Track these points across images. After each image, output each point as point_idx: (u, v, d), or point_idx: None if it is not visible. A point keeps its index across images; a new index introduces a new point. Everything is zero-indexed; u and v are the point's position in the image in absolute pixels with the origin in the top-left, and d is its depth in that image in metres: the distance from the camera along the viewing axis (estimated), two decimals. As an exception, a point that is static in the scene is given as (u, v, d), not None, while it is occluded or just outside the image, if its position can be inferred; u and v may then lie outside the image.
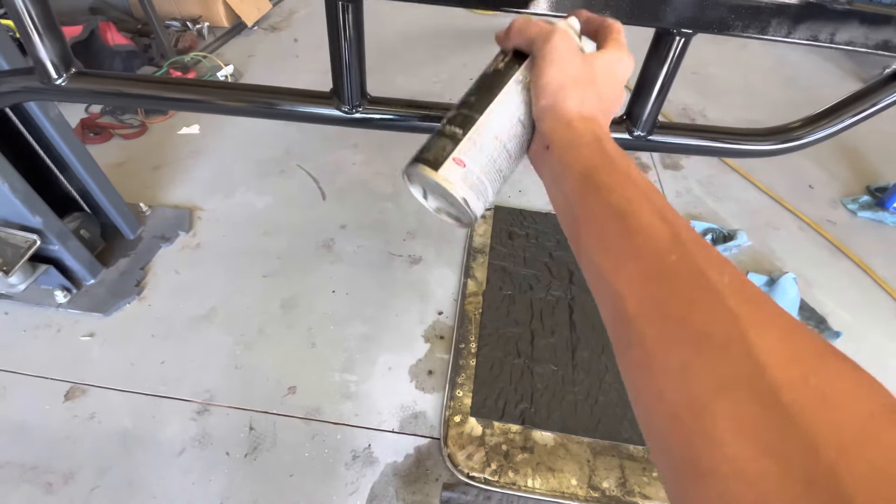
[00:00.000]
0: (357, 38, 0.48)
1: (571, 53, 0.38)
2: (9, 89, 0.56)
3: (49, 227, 1.26)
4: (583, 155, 0.35)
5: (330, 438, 1.15)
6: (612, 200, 0.32)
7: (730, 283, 0.24)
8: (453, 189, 0.37)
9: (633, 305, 0.26)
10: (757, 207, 1.86)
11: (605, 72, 0.39)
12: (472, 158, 0.38)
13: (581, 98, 0.38)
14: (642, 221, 0.29)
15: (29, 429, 1.15)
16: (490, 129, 0.39)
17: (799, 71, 2.78)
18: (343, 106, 0.49)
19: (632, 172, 0.33)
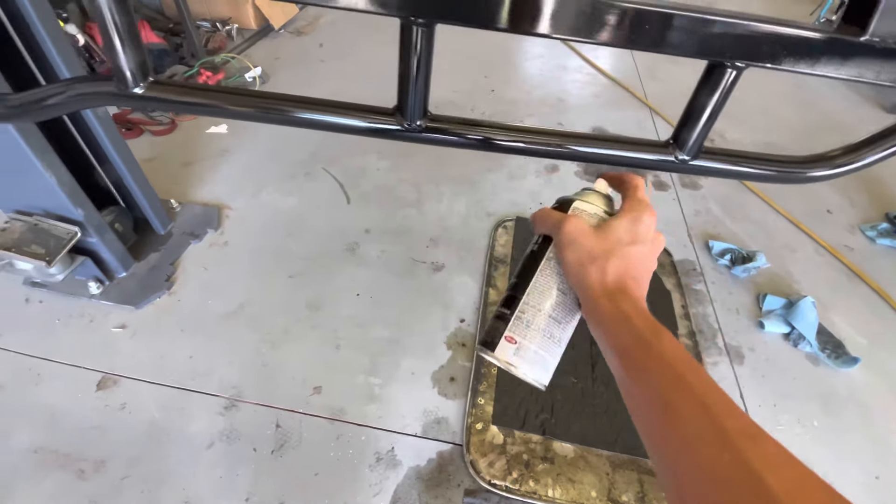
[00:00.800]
0: (426, 60, 0.48)
1: (583, 234, 0.41)
2: (87, 93, 0.59)
3: (89, 219, 1.29)
4: (614, 333, 0.36)
5: (354, 439, 1.17)
6: (650, 388, 0.32)
7: (789, 490, 0.23)
8: (508, 367, 0.42)
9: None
10: (774, 229, 1.87)
11: (623, 236, 0.40)
12: (522, 334, 0.42)
13: (602, 271, 0.39)
14: (682, 412, 0.29)
15: (62, 416, 1.18)
16: (534, 304, 0.43)
17: (816, 96, 2.81)
18: (405, 122, 0.52)
19: (666, 351, 0.33)
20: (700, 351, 1.42)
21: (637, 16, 0.46)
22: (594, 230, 0.41)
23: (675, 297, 1.57)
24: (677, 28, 0.46)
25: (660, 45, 0.49)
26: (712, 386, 0.30)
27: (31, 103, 0.59)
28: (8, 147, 1.11)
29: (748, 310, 1.57)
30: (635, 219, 0.41)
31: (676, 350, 0.33)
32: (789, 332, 1.50)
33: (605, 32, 0.58)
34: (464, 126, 0.61)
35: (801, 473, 0.25)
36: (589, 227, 0.42)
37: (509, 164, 2.07)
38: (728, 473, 0.25)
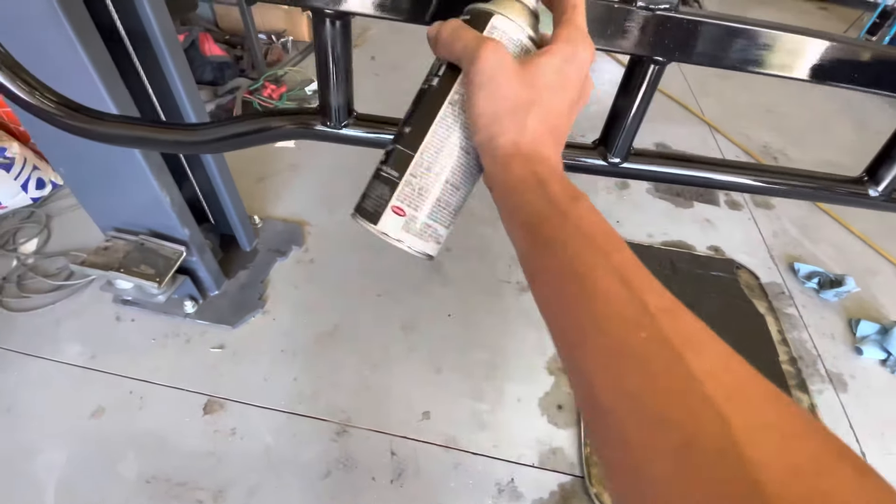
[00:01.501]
0: (344, 55, 0.46)
1: (505, 72, 0.31)
2: (295, 127, 0.58)
3: (193, 239, 1.27)
4: (526, 202, 0.30)
5: (472, 469, 1.15)
6: (565, 258, 0.27)
7: (711, 368, 0.21)
8: (395, 242, 0.36)
9: (607, 396, 0.23)
10: (852, 252, 1.86)
11: (552, 81, 0.32)
12: (413, 204, 0.35)
13: (519, 127, 0.32)
14: (600, 285, 0.25)
15: (171, 442, 1.15)
16: (428, 167, 0.34)
17: (867, 115, 2.81)
18: (329, 122, 0.48)
19: (584, 221, 0.28)
20: (804, 378, 1.40)
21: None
22: (519, 67, 0.31)
23: (769, 322, 1.54)
24: (592, 19, 0.42)
25: None
26: (632, 260, 0.26)
27: (232, 136, 0.57)
28: (127, 166, 1.09)
29: (842, 335, 1.55)
30: (569, 56, 0.32)
31: (596, 219, 0.28)
32: (886, 359, 1.47)
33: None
34: (391, 126, 0.55)
35: (723, 352, 0.22)
36: (515, 63, 0.31)
37: (577, 180, 2.05)
38: (645, 352, 0.22)
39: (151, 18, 1.00)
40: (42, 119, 0.49)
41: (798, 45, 0.49)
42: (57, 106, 0.49)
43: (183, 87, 1.13)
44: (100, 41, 0.90)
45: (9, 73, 0.46)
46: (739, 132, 2.49)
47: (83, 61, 0.87)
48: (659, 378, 0.21)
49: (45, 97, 0.48)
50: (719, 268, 1.72)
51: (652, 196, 2.04)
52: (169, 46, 1.06)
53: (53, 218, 1.67)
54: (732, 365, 0.22)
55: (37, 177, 1.68)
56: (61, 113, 0.49)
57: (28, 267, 1.50)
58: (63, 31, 0.83)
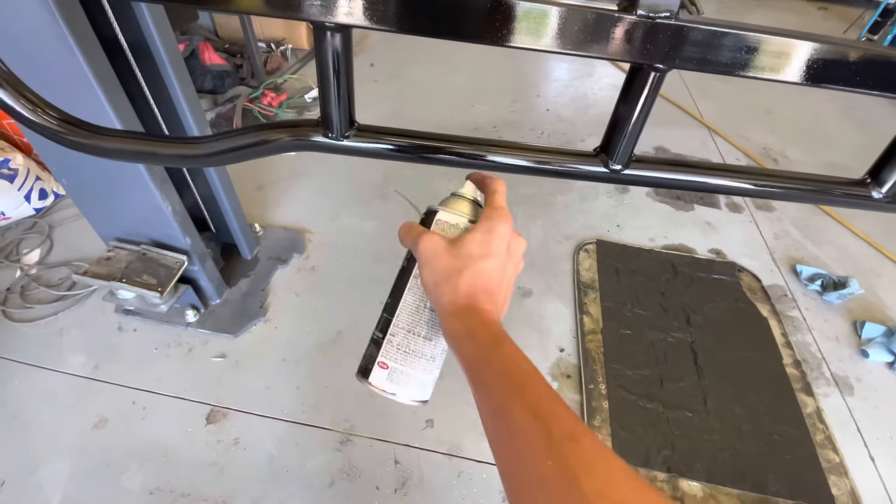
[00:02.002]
0: (345, 67, 0.46)
1: (437, 253, 0.40)
2: (296, 139, 0.58)
3: (195, 248, 1.28)
4: (463, 350, 0.37)
5: (476, 477, 1.14)
6: (491, 400, 0.33)
7: (600, 488, 0.25)
8: (382, 393, 0.42)
9: None
10: (857, 254, 1.85)
11: (476, 250, 0.40)
12: (394, 358, 0.42)
13: (453, 290, 0.39)
14: (516, 421, 0.30)
15: (174, 453, 1.14)
16: (404, 325, 0.43)
17: (870, 115, 2.80)
18: (330, 133, 0.48)
19: (503, 364, 0.34)
20: (809, 382, 1.39)
21: (554, 16, 0.42)
22: (449, 247, 0.41)
23: (772, 325, 1.53)
24: (592, 28, 0.43)
25: (578, 47, 0.45)
26: (545, 393, 0.31)
27: (232, 149, 0.57)
28: (129, 176, 1.09)
29: (847, 338, 1.54)
30: (488, 230, 0.41)
31: (514, 360, 0.34)
32: (893, 361, 1.46)
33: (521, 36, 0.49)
34: (396, 137, 0.55)
35: (614, 470, 0.26)
36: (444, 244, 0.41)
37: (578, 185, 2.06)
38: (550, 478, 0.27)
39: (153, 29, 1.01)
40: (45, 136, 0.49)
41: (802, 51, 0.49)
42: (59, 123, 0.49)
43: (184, 98, 1.13)
44: (101, 53, 0.90)
45: (11, 90, 0.45)
46: (739, 134, 2.49)
47: (85, 73, 0.87)
48: (558, 499, 0.26)
49: (48, 114, 0.48)
50: (721, 271, 1.71)
51: (652, 199, 2.04)
52: (170, 57, 1.07)
53: (56, 228, 1.68)
54: (620, 483, 0.26)
55: (39, 187, 1.69)
56: (63, 130, 0.49)
57: (31, 277, 1.50)
58: (66, 42, 0.83)
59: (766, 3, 4.36)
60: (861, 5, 3.78)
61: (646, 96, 0.54)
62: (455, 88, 2.69)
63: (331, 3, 0.42)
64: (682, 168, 0.62)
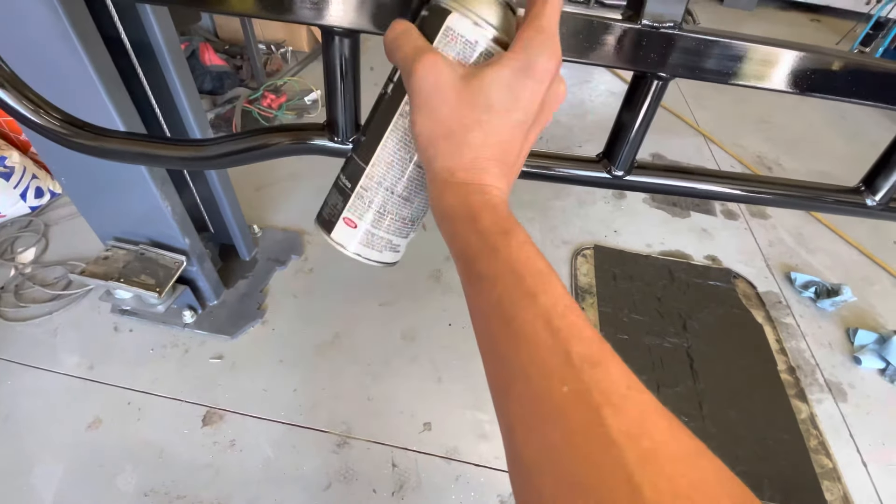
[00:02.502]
0: (352, 72, 0.46)
1: (441, 92, 0.29)
2: (301, 142, 0.58)
3: (193, 248, 1.27)
4: (457, 233, 0.29)
5: (474, 481, 1.14)
6: (494, 297, 0.26)
7: (629, 429, 0.20)
8: (348, 253, 0.36)
9: (528, 451, 0.22)
10: (849, 261, 1.87)
11: (499, 99, 0.29)
12: (364, 216, 0.35)
13: (455, 153, 0.29)
14: (526, 330, 0.24)
15: (170, 453, 1.14)
16: (379, 179, 0.34)
17: (861, 126, 2.85)
18: (336, 137, 0.49)
19: (514, 258, 0.26)
20: (803, 388, 1.40)
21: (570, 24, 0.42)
22: (461, 84, 0.29)
23: (767, 331, 1.55)
24: (596, 36, 0.43)
25: (582, 54, 0.45)
26: (564, 302, 0.24)
27: (236, 152, 0.57)
28: (130, 176, 1.09)
29: (840, 344, 1.56)
30: (523, 68, 0.28)
31: (528, 256, 0.26)
32: (885, 368, 1.48)
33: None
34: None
35: (645, 408, 0.21)
36: (455, 77, 0.29)
37: (576, 190, 2.08)
38: (565, 408, 0.21)
39: (156, 29, 1.01)
40: (47, 138, 0.49)
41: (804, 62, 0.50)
42: (62, 124, 0.49)
43: (186, 99, 1.13)
44: (105, 53, 0.90)
45: (14, 91, 0.45)
46: (734, 143, 2.52)
47: (89, 72, 0.87)
48: (577, 438, 0.21)
49: (51, 115, 0.47)
50: (716, 277, 1.73)
51: (649, 206, 2.06)
52: (173, 57, 1.07)
53: (51, 227, 1.67)
54: (651, 424, 0.21)
55: (35, 186, 1.68)
56: (66, 132, 0.49)
57: (26, 276, 1.49)
58: (69, 41, 0.83)
59: (760, 14, 4.42)
60: (853, 18, 3.85)
61: (648, 104, 0.55)
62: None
63: (340, 8, 0.42)
64: (683, 175, 0.63)
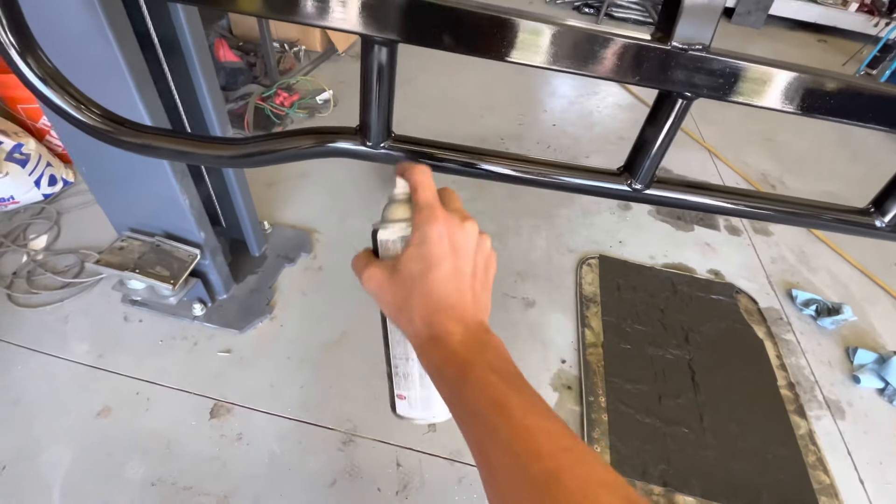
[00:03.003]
0: (389, 79, 0.48)
1: (380, 287, 0.37)
2: (334, 145, 0.60)
3: (208, 242, 1.29)
4: (438, 385, 0.36)
5: (476, 483, 1.15)
6: (472, 438, 0.32)
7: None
8: (409, 421, 0.45)
9: None
10: (850, 281, 1.90)
11: (417, 269, 0.35)
12: (407, 388, 0.43)
13: (410, 322, 0.36)
14: (495, 463, 0.30)
15: (177, 445, 1.15)
16: (399, 356, 0.43)
17: (865, 146, 2.88)
18: (368, 142, 0.51)
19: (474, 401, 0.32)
20: (802, 404, 1.42)
21: (593, 43, 0.44)
22: (390, 275, 0.37)
23: (768, 347, 1.57)
24: (627, 56, 0.45)
25: (614, 73, 0.47)
26: (520, 424, 0.29)
27: (271, 151, 0.58)
28: (150, 168, 1.11)
29: (840, 363, 1.58)
30: (420, 239, 0.36)
31: (484, 393, 0.31)
32: (884, 388, 1.50)
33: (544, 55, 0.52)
34: (428, 148, 0.58)
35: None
36: (385, 273, 0.37)
37: (581, 200, 2.10)
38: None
39: (185, 26, 1.03)
40: (89, 134, 0.50)
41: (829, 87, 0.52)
42: (104, 121, 0.50)
43: (209, 95, 1.15)
44: (137, 47, 0.92)
45: (57, 88, 0.46)
46: (739, 160, 2.55)
47: (121, 66, 0.89)
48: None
49: (93, 112, 0.48)
50: (719, 291, 1.75)
51: (653, 218, 2.08)
52: (199, 55, 1.09)
53: (63, 215, 1.68)
54: None
55: (49, 173, 1.69)
56: (108, 128, 0.50)
57: (38, 263, 1.50)
58: (104, 35, 0.85)
59: (768, 32, 4.47)
60: (860, 40, 3.90)
61: (672, 122, 0.57)
62: (463, 99, 2.73)
63: (381, 18, 0.44)
64: (701, 191, 0.65)
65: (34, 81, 0.44)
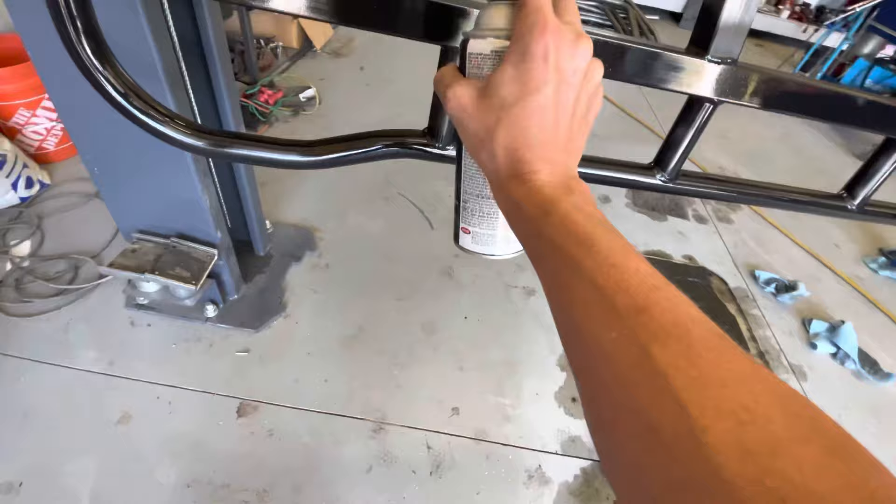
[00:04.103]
0: None
1: (465, 109, 0.33)
2: (403, 147, 0.64)
3: (223, 242, 1.28)
4: (514, 226, 0.34)
5: (503, 458, 1.23)
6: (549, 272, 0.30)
7: (674, 361, 0.22)
8: (470, 254, 0.44)
9: (588, 387, 0.26)
10: (800, 261, 2.14)
11: (510, 94, 0.31)
12: (472, 222, 0.42)
13: (490, 157, 0.33)
14: (576, 295, 0.27)
15: (208, 446, 1.14)
16: (470, 190, 0.41)
17: (803, 142, 3.22)
18: (437, 144, 0.55)
19: (556, 234, 0.29)
20: (772, 369, 1.61)
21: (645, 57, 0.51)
22: (479, 97, 0.32)
23: (740, 322, 1.76)
24: (671, 67, 0.52)
25: (656, 81, 0.53)
26: (606, 259, 0.27)
27: (342, 154, 0.62)
28: (172, 168, 1.09)
29: (798, 332, 1.79)
30: (520, 54, 0.30)
31: (567, 227, 0.29)
32: (836, 352, 1.72)
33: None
34: None
35: (689, 343, 0.23)
36: (473, 94, 0.32)
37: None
38: (613, 351, 0.24)
39: (209, 27, 1.03)
40: (173, 145, 0.50)
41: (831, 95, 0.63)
42: (192, 133, 0.50)
43: (227, 94, 1.15)
44: (171, 47, 0.92)
45: (140, 102, 0.46)
46: (699, 155, 2.78)
47: (156, 66, 0.89)
48: (625, 372, 0.23)
49: (177, 124, 0.48)
50: (694, 275, 1.93)
51: (631, 210, 2.24)
52: (220, 54, 1.09)
53: (44, 219, 1.59)
54: (697, 355, 0.22)
55: (26, 175, 1.60)
56: (196, 140, 0.49)
57: (25, 270, 1.42)
58: (142, 35, 0.84)
59: (712, 37, 4.84)
60: (792, 45, 4.31)
61: (699, 124, 0.67)
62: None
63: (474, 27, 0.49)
64: (715, 182, 0.76)
65: (116, 97, 0.45)
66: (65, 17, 0.42)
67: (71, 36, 0.44)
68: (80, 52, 0.44)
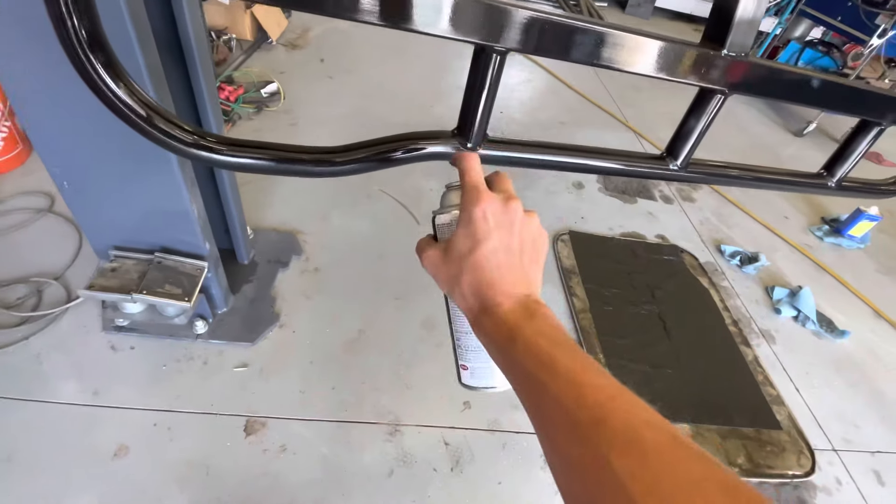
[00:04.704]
0: (494, 85, 0.51)
1: (435, 265, 0.41)
2: (435, 148, 0.63)
3: (212, 254, 1.21)
4: (491, 356, 0.39)
5: (518, 446, 1.26)
6: (524, 395, 0.35)
7: (631, 469, 0.26)
8: (472, 390, 0.49)
9: (563, 490, 0.29)
10: (758, 234, 2.31)
11: (465, 247, 0.39)
12: (468, 359, 0.47)
13: (462, 298, 0.39)
14: (546, 414, 0.32)
15: (218, 468, 1.09)
16: (460, 329, 0.46)
17: (745, 122, 3.45)
18: (468, 143, 0.54)
19: (522, 362, 0.34)
20: (745, 336, 1.74)
21: (660, 49, 0.53)
22: (443, 255, 0.41)
23: (713, 294, 1.88)
24: (688, 60, 0.54)
25: (671, 73, 0.55)
26: (567, 379, 0.31)
27: (368, 158, 0.60)
28: (156, 181, 1.01)
29: (763, 300, 1.94)
30: (466, 219, 0.39)
31: (531, 352, 0.34)
32: (797, 315, 1.88)
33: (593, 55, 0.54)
34: (521, 147, 0.70)
35: (645, 449, 0.26)
36: (439, 253, 0.41)
37: (543, 182, 2.27)
38: (580, 465, 0.28)
39: (188, 25, 0.95)
40: (202, 162, 0.46)
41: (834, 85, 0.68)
42: (221, 146, 0.46)
43: (207, 94, 1.07)
44: (154, 47, 0.84)
45: (166, 122, 0.43)
46: (657, 137, 2.91)
47: (140, 67, 0.81)
48: (592, 487, 0.27)
49: (207, 140, 0.45)
50: (668, 252, 2.03)
51: (603, 194, 2.32)
52: (200, 53, 1.01)
53: (-9, 241, 1.43)
54: (652, 460, 0.25)
55: (-36, 193, 1.42)
56: (226, 155, 0.46)
57: (-22, 299, 1.27)
58: (126, 34, 0.77)
59: (654, 22, 5.05)
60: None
61: (711, 115, 0.70)
62: (411, 87, 2.74)
63: (503, 29, 0.48)
64: (719, 168, 0.80)
65: (138, 121, 0.41)
66: (68, 27, 0.34)
67: (77, 50, 0.36)
68: (90, 70, 0.37)
